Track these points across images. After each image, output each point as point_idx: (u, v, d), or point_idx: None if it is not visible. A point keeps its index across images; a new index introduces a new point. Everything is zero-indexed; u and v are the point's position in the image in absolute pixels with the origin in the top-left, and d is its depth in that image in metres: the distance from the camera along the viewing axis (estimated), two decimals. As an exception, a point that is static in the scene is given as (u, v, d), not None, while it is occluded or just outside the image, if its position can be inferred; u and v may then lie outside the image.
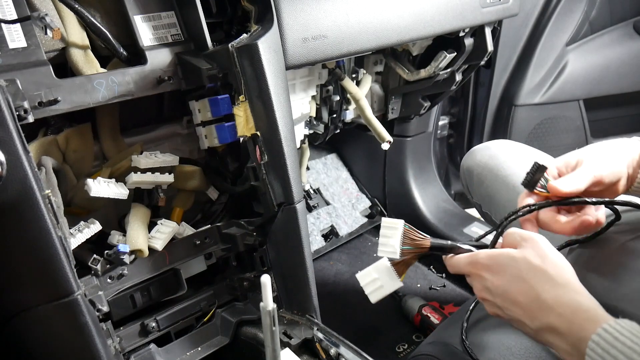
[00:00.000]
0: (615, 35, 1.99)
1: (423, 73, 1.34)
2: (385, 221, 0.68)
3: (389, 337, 1.39)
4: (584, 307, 0.58)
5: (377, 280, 0.68)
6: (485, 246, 0.70)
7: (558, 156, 1.08)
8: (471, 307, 0.84)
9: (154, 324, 0.90)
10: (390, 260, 0.68)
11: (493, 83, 1.89)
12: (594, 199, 0.71)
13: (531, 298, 0.60)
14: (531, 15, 1.86)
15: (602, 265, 0.82)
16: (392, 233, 0.67)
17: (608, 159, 0.72)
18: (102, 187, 0.82)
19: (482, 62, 1.40)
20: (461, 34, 1.27)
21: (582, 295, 0.59)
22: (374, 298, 0.70)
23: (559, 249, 0.85)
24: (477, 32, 1.33)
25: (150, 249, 0.86)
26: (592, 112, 1.98)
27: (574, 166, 0.74)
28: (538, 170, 0.71)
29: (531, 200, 0.73)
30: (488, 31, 1.33)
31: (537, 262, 0.62)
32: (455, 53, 1.31)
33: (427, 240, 0.69)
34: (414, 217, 1.77)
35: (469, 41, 1.31)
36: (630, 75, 1.94)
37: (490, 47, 1.35)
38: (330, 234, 1.75)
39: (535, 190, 0.72)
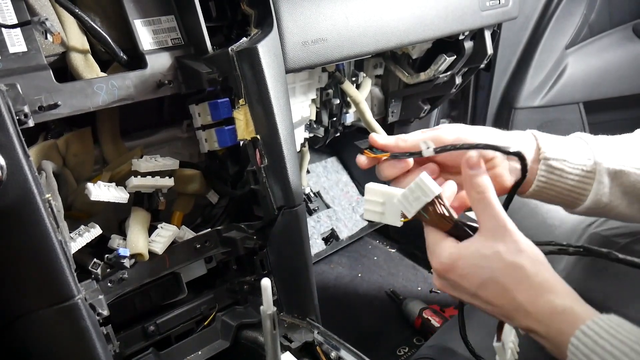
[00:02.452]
0: (615, 39, 1.99)
1: (423, 76, 1.34)
2: (421, 180, 0.59)
3: (389, 341, 1.39)
4: (559, 309, 0.54)
5: (380, 205, 0.63)
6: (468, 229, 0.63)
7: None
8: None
9: (154, 328, 0.90)
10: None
11: (493, 86, 1.89)
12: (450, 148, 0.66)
13: (506, 300, 0.57)
14: (530, 18, 1.87)
15: (604, 269, 0.82)
16: (419, 197, 0.60)
17: (469, 131, 0.69)
18: (102, 191, 0.82)
19: (482, 65, 1.41)
20: (461, 37, 1.27)
21: (559, 294, 0.56)
22: (367, 215, 0.65)
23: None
24: (476, 35, 1.33)
25: (151, 253, 0.86)
26: (592, 115, 1.98)
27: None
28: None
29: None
30: (488, 34, 1.34)
31: (512, 259, 0.57)
32: (455, 56, 1.31)
33: (452, 222, 0.62)
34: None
35: (468, 44, 1.31)
36: (630, 78, 1.95)
37: (490, 50, 1.35)
38: (330, 238, 1.75)
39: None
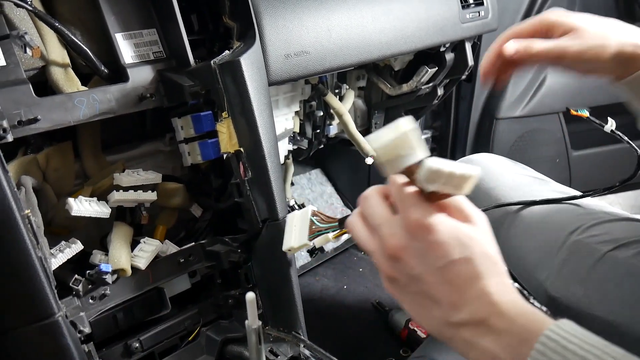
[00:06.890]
0: (592, 49, 2.02)
1: (405, 88, 1.35)
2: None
3: (376, 352, 1.39)
4: (525, 308, 0.47)
5: (294, 228, 0.72)
6: None
7: (540, 169, 1.09)
8: None
9: (137, 345, 0.88)
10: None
11: (474, 97, 1.91)
12: None
13: (472, 281, 0.48)
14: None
15: (587, 276, 0.83)
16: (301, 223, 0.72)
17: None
18: (83, 206, 0.81)
19: (463, 77, 1.42)
20: (442, 48, 1.29)
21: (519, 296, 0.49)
22: (284, 246, 0.76)
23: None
24: (457, 47, 1.35)
25: (133, 268, 0.85)
26: (572, 125, 2.01)
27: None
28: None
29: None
30: (468, 46, 1.36)
31: (490, 251, 0.50)
32: (437, 68, 1.33)
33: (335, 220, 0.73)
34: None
35: (449, 56, 1.33)
36: (607, 87, 1.98)
37: (470, 61, 1.37)
38: (315, 249, 1.74)
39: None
